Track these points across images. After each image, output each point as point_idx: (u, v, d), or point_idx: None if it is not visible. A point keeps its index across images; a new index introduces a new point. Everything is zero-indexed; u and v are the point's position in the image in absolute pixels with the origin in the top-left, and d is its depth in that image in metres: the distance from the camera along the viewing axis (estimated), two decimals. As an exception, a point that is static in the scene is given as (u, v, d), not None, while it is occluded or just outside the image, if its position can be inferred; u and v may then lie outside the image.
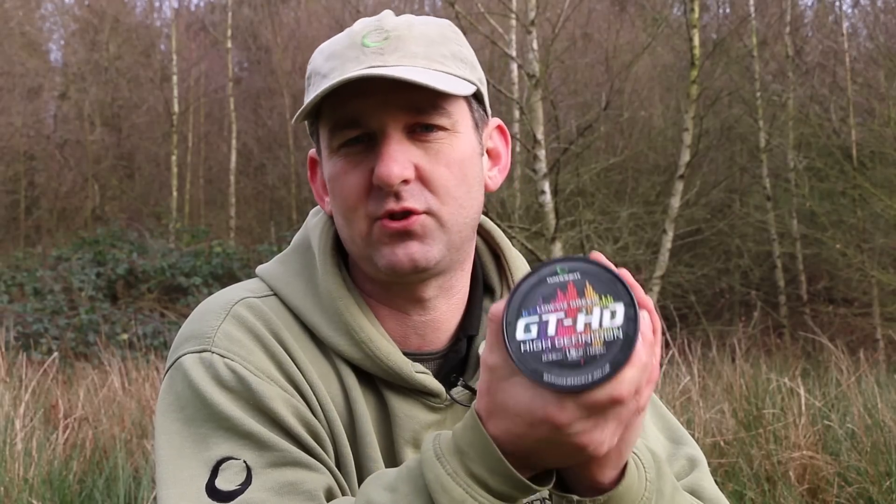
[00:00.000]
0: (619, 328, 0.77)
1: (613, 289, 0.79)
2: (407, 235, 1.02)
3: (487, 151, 1.13)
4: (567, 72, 14.94)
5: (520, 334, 0.79)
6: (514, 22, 10.16)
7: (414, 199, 1.02)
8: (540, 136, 9.30)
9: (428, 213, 1.03)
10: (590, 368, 0.76)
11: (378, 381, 1.08)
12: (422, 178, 1.03)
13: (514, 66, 11.18)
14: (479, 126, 1.10)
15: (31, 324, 10.42)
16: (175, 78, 18.22)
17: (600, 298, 0.78)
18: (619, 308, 0.78)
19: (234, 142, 18.36)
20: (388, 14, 1.08)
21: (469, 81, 1.07)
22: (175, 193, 17.75)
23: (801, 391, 4.90)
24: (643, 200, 13.59)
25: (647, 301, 0.82)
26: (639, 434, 0.90)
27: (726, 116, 14.43)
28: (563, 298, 0.79)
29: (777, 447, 4.51)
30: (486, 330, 1.06)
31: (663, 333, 6.69)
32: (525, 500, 1.12)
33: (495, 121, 1.15)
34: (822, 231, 13.36)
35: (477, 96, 1.10)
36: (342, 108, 1.03)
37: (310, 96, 1.06)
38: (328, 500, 0.97)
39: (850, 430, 4.65)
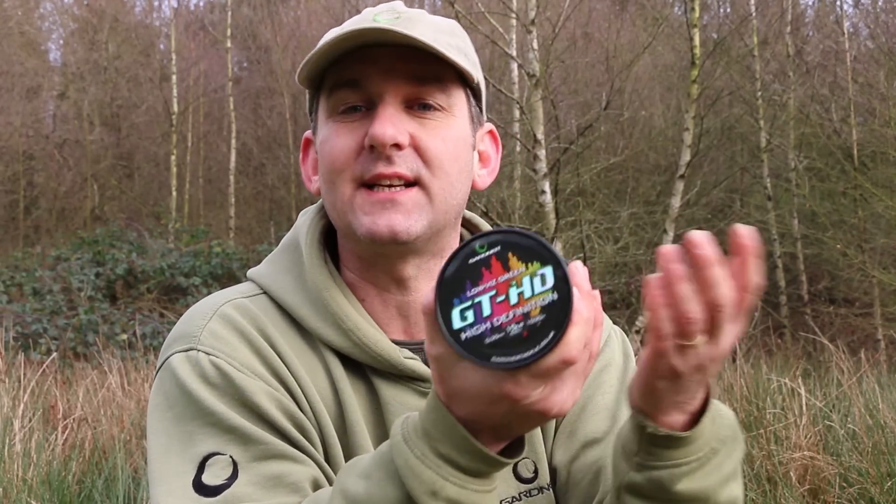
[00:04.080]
0: (552, 290, 0.75)
1: (537, 253, 0.77)
2: (391, 205, 1.03)
3: (479, 153, 1.15)
4: (567, 71, 14.93)
5: (457, 323, 0.76)
6: (514, 21, 10.14)
7: (406, 164, 1.03)
8: (540, 136, 9.28)
9: (418, 182, 1.04)
10: (534, 339, 0.75)
11: (367, 370, 1.09)
12: (416, 147, 1.04)
13: (514, 66, 11.16)
14: (474, 121, 1.12)
15: (30, 324, 10.41)
16: (174, 77, 18.21)
17: (526, 266, 0.76)
18: (548, 270, 0.76)
19: (233, 141, 18.36)
20: (399, 2, 1.11)
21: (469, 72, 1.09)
22: (174, 193, 17.74)
23: (802, 391, 4.89)
24: (644, 200, 13.58)
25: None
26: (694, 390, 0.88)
27: (727, 116, 14.42)
28: (490, 275, 0.77)
29: (778, 447, 4.50)
30: None
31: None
32: (523, 489, 1.12)
33: (488, 125, 1.17)
34: (822, 231, 13.35)
35: (476, 93, 1.12)
36: (345, 70, 1.05)
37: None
38: (314, 492, 0.97)
39: (851, 430, 4.64)
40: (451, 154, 1.06)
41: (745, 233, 0.81)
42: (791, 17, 16.03)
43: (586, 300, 0.77)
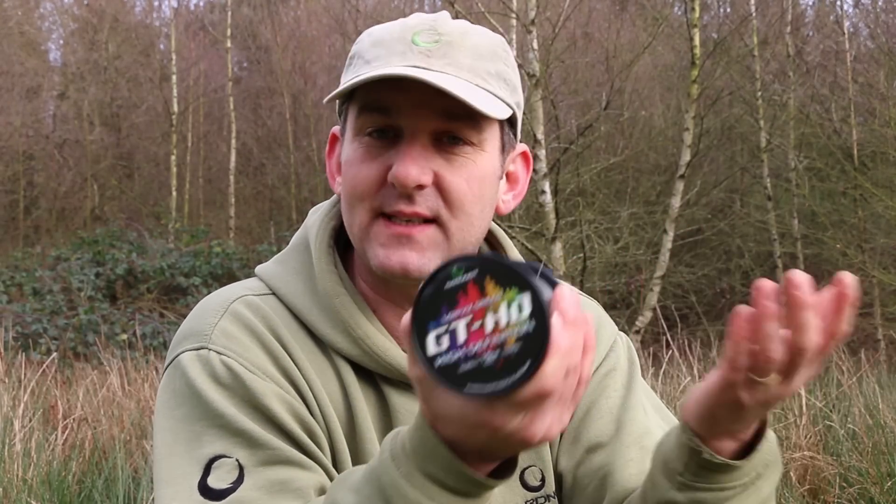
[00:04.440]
0: (528, 320, 0.72)
1: (515, 279, 0.73)
2: (407, 241, 1.02)
3: (507, 175, 1.13)
4: (567, 71, 14.93)
5: (431, 348, 0.74)
6: (514, 21, 10.14)
7: (427, 204, 1.01)
8: (540, 136, 9.29)
9: (437, 221, 1.02)
10: (510, 369, 0.72)
11: (377, 377, 1.08)
12: (438, 186, 1.02)
13: (515, 66, 11.16)
14: (505, 149, 1.09)
15: (30, 324, 10.41)
16: (174, 77, 18.20)
17: (503, 292, 0.73)
18: (525, 298, 0.73)
19: (233, 142, 18.35)
20: (445, 16, 1.07)
21: (507, 104, 1.06)
22: (174, 193, 17.73)
23: (802, 391, 4.89)
24: (644, 200, 13.58)
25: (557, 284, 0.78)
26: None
27: (727, 116, 14.42)
28: (466, 301, 0.74)
29: (778, 448, 4.50)
30: None
31: (663, 334, 6.65)
32: (530, 498, 1.12)
33: (521, 146, 1.14)
34: (822, 231, 13.35)
35: (511, 120, 1.09)
36: (377, 95, 1.02)
37: (348, 76, 1.06)
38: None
39: (851, 430, 4.65)
40: (475, 194, 1.04)
41: (850, 282, 0.81)
42: (791, 17, 16.03)
43: (570, 328, 0.74)
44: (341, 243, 1.14)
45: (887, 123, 12.62)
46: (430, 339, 0.75)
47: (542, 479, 1.14)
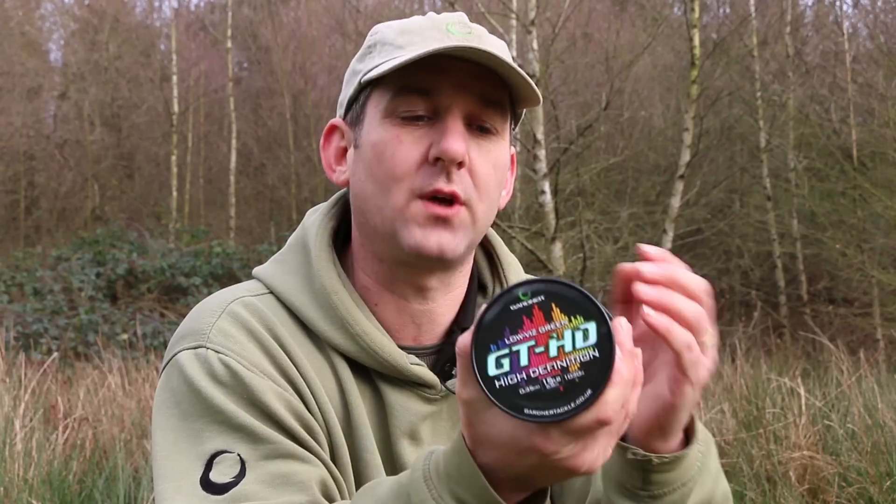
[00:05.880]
0: (593, 347, 0.74)
1: (581, 307, 0.75)
2: (444, 223, 1.04)
3: None
4: (567, 72, 14.94)
5: (492, 370, 0.75)
6: (514, 22, 10.15)
7: (462, 185, 1.04)
8: (540, 136, 9.30)
9: (467, 204, 1.05)
10: (570, 395, 0.73)
11: (373, 374, 1.09)
12: (470, 170, 1.05)
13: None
14: (510, 145, 1.14)
15: (31, 324, 10.41)
16: (175, 78, 18.21)
17: (569, 319, 0.75)
18: (591, 326, 0.74)
19: (233, 142, 18.36)
20: (465, 15, 1.12)
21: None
22: (175, 193, 17.75)
23: (802, 391, 4.90)
24: (643, 200, 13.59)
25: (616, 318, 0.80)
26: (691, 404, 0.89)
27: (726, 116, 14.43)
28: (531, 325, 0.75)
29: (777, 447, 4.51)
30: None
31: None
32: None
33: (511, 149, 1.19)
34: (822, 231, 13.36)
35: (516, 119, 1.14)
36: (415, 77, 1.04)
37: (375, 61, 1.08)
38: (321, 492, 0.98)
39: (850, 430, 4.65)
40: (497, 180, 1.08)
41: (649, 249, 0.85)
42: (790, 17, 16.05)
43: (627, 360, 0.76)
44: (338, 244, 1.15)
45: (886, 124, 12.63)
46: (491, 360, 0.75)
47: None
